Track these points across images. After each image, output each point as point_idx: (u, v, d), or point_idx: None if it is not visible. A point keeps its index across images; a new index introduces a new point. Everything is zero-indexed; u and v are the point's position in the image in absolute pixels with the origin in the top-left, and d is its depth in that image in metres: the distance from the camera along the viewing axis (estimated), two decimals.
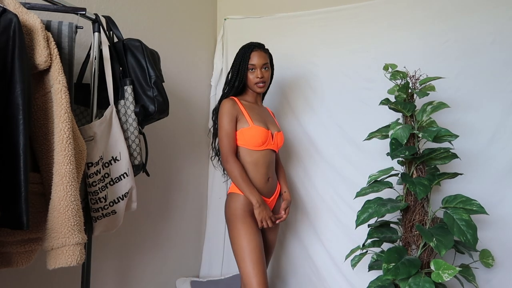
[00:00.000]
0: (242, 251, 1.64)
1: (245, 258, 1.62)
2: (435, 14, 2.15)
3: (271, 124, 1.89)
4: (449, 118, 2.03)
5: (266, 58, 1.84)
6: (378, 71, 1.93)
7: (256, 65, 1.80)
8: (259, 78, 1.81)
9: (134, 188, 1.47)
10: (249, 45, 1.85)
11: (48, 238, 1.08)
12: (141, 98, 1.47)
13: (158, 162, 2.13)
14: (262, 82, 1.82)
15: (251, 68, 1.81)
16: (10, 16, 1.01)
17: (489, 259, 1.80)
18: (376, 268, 1.78)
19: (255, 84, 1.82)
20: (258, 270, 1.60)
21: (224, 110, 1.76)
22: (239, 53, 1.85)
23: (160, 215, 2.19)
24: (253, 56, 1.81)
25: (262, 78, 1.81)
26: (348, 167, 2.27)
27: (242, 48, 1.87)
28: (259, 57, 1.81)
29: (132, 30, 1.96)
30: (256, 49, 1.83)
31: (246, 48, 1.84)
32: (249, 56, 1.81)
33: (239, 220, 1.69)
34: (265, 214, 1.70)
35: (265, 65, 1.83)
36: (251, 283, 1.58)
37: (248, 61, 1.80)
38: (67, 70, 1.20)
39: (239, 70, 1.82)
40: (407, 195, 1.73)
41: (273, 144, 1.83)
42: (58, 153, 1.08)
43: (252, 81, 1.82)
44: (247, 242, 1.64)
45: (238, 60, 1.84)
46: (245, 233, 1.66)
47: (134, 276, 1.99)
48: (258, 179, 1.77)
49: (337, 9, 2.40)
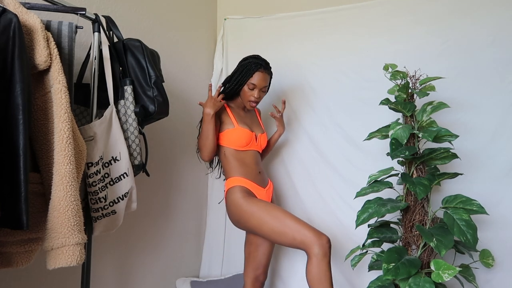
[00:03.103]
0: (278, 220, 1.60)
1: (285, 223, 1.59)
2: (435, 14, 2.15)
3: (256, 126, 1.96)
4: (449, 118, 2.03)
5: (267, 81, 1.88)
6: (378, 71, 1.93)
7: (256, 86, 1.84)
8: (255, 98, 1.85)
9: (134, 188, 1.47)
10: (255, 63, 1.84)
11: (48, 238, 1.08)
12: (141, 98, 1.47)
13: (158, 162, 2.13)
14: (256, 102, 1.87)
15: (250, 87, 1.84)
16: (10, 16, 1.01)
17: (489, 259, 1.80)
18: (376, 268, 1.78)
19: (248, 101, 1.87)
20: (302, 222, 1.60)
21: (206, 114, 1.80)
22: (244, 66, 1.86)
23: (160, 215, 2.19)
24: (256, 76, 1.83)
25: (258, 99, 1.86)
26: (348, 167, 2.26)
27: (248, 61, 1.86)
28: (262, 80, 1.84)
29: (132, 30, 1.95)
30: (261, 70, 1.84)
31: (252, 64, 1.84)
32: (252, 75, 1.82)
33: (249, 205, 1.69)
34: (210, 101, 1.78)
35: (264, 88, 1.87)
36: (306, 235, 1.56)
37: (250, 79, 1.83)
38: (67, 70, 1.20)
39: (238, 82, 1.85)
40: (407, 195, 1.73)
41: (257, 145, 1.90)
42: (58, 153, 1.08)
43: (246, 97, 1.86)
44: (274, 210, 1.63)
45: (240, 73, 1.85)
46: (264, 207, 1.65)
47: (134, 276, 1.99)
48: (249, 172, 1.82)
49: (337, 9, 2.40)
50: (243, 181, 1.80)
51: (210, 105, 1.77)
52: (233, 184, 1.79)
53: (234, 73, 1.88)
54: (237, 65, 1.90)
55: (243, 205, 1.71)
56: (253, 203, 1.70)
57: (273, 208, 1.66)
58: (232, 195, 1.76)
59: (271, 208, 1.66)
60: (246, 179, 1.81)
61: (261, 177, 1.87)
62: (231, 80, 1.88)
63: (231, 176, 1.83)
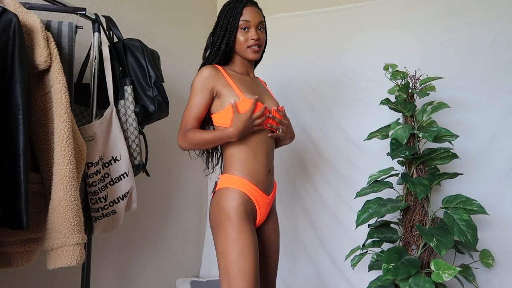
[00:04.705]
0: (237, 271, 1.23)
1: (240, 281, 1.22)
2: (435, 14, 2.15)
3: (268, 98, 1.49)
4: (449, 118, 2.02)
5: (261, 16, 1.44)
6: (378, 71, 1.93)
7: (250, 23, 1.39)
8: (254, 39, 1.39)
9: (134, 188, 1.47)
10: (239, 0, 1.41)
11: (48, 238, 1.08)
12: (141, 98, 1.47)
13: (158, 162, 2.13)
14: (258, 45, 1.41)
15: (243, 27, 1.39)
16: (10, 16, 1.01)
17: (489, 259, 1.80)
18: (376, 268, 1.78)
19: (248, 48, 1.40)
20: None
21: (199, 81, 1.38)
22: (226, 9, 1.42)
23: (160, 215, 2.18)
24: (246, 12, 1.39)
25: (258, 41, 1.40)
26: (348, 167, 2.26)
27: (229, 3, 1.44)
28: (255, 13, 1.41)
29: (132, 30, 1.95)
30: (249, 5, 1.42)
31: (236, 2, 1.41)
32: (240, 12, 1.39)
33: (233, 225, 1.28)
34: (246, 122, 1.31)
35: (260, 25, 1.42)
36: None
37: (240, 17, 1.39)
38: (67, 70, 1.20)
39: (226, 29, 1.40)
40: (407, 195, 1.73)
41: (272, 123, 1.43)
42: (58, 153, 1.08)
43: (244, 44, 1.40)
44: (244, 259, 1.24)
45: (225, 17, 1.41)
46: (243, 246, 1.25)
47: (134, 276, 1.99)
48: (258, 170, 1.38)
49: (337, 9, 2.40)
50: (245, 185, 1.35)
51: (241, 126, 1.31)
52: (231, 185, 1.35)
53: (219, 23, 1.44)
54: (218, 16, 1.46)
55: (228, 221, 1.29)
56: (241, 232, 1.27)
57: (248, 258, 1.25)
58: (224, 200, 1.33)
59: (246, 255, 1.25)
60: (250, 182, 1.36)
61: (269, 180, 1.43)
62: (218, 33, 1.42)
63: (232, 173, 1.37)
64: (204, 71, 1.39)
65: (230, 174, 1.38)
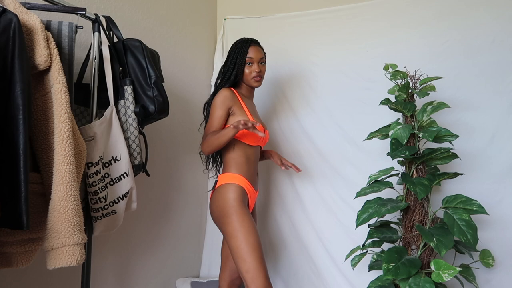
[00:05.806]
0: (248, 246, 1.54)
1: (252, 254, 1.53)
2: (435, 14, 2.15)
3: (258, 118, 1.89)
4: (449, 118, 2.03)
5: (262, 53, 1.86)
6: (378, 71, 1.93)
7: (254, 59, 1.80)
8: (257, 72, 1.80)
9: (134, 188, 1.47)
10: (245, 40, 1.85)
11: (48, 238, 1.08)
12: (141, 98, 1.48)
13: (158, 162, 2.13)
14: (259, 76, 1.82)
15: (248, 62, 1.80)
16: (10, 16, 1.01)
17: (489, 259, 1.80)
18: (376, 268, 1.78)
19: (252, 78, 1.81)
20: (263, 265, 1.54)
21: (220, 99, 1.71)
22: (236, 47, 1.84)
23: (160, 215, 2.18)
24: (251, 50, 1.81)
25: (260, 73, 1.82)
26: (348, 167, 2.26)
27: (238, 42, 1.86)
28: (257, 52, 1.82)
29: (132, 30, 1.96)
30: (253, 44, 1.84)
31: (243, 42, 1.84)
32: (247, 50, 1.80)
33: (238, 213, 1.60)
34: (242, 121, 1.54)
35: (262, 60, 1.84)
36: (259, 277, 1.51)
37: (246, 55, 1.80)
38: (67, 70, 1.20)
39: (236, 64, 1.81)
40: (407, 195, 1.73)
41: (264, 140, 1.84)
42: (58, 153, 1.08)
43: (249, 75, 1.81)
44: (251, 236, 1.56)
45: (234, 54, 1.82)
46: (248, 227, 1.57)
47: (134, 276, 1.99)
48: (251, 174, 1.75)
49: (337, 9, 2.40)
50: (243, 181, 1.70)
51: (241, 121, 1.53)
52: (232, 180, 1.68)
53: (229, 59, 1.84)
54: (228, 53, 1.86)
55: (233, 208, 1.61)
56: (243, 214, 1.61)
57: (253, 234, 1.58)
58: (227, 193, 1.65)
59: (252, 233, 1.58)
60: (246, 179, 1.71)
61: (257, 179, 1.82)
62: (229, 66, 1.82)
63: (231, 172, 1.71)
64: (224, 92, 1.73)
65: (230, 173, 1.73)
